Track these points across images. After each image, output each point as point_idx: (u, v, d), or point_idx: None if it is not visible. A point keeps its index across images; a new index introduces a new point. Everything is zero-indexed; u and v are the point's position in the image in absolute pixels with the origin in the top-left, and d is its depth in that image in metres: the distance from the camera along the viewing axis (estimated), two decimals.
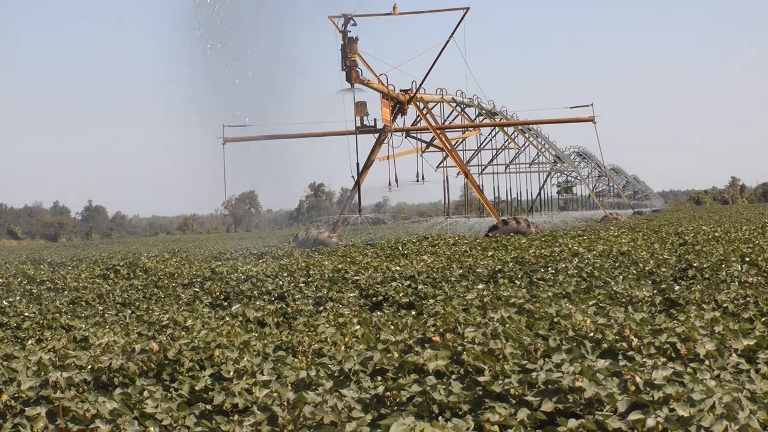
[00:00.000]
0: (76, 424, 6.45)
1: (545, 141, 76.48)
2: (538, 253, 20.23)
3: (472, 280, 16.01)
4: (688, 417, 5.43)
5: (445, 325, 9.69)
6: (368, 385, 7.35)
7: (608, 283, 14.03)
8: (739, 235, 25.74)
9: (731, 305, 10.76)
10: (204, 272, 19.74)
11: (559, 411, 6.26)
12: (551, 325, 9.56)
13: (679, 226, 40.89)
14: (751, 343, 7.99)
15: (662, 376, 6.36)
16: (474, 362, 7.48)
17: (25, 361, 8.40)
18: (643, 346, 7.87)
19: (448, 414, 6.55)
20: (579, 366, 6.74)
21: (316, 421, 6.28)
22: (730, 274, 14.14)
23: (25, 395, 7.24)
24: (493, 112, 59.01)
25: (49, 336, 11.95)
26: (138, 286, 18.60)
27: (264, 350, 8.88)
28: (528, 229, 38.93)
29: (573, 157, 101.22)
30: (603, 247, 21.90)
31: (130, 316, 13.93)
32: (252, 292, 16.15)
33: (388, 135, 43.83)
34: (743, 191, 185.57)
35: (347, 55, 38.51)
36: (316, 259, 23.39)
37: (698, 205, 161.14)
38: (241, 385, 7.33)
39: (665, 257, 17.70)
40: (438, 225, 53.23)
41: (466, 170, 50.57)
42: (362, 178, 44.70)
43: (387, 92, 42.25)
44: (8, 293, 17.81)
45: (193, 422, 6.46)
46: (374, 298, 14.51)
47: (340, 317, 11.51)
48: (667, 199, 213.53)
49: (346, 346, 9.25)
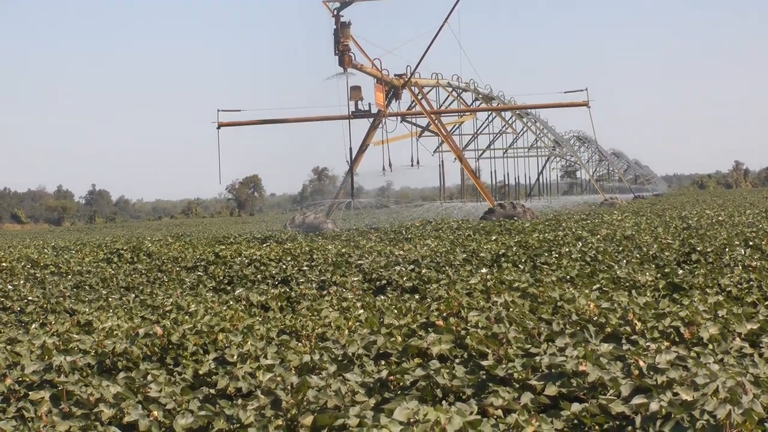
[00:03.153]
0: (79, 407, 6.46)
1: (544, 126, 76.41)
2: (542, 238, 20.21)
3: (476, 264, 16.00)
4: (692, 401, 5.43)
5: (448, 309, 9.70)
6: (372, 369, 7.36)
7: (612, 268, 14.02)
8: (742, 219, 25.71)
9: (735, 289, 10.75)
10: (208, 256, 19.75)
11: (563, 395, 6.27)
12: (555, 310, 9.55)
13: (683, 210, 40.85)
14: (754, 327, 7.98)
15: (666, 361, 6.35)
16: (477, 346, 7.48)
17: (29, 345, 8.42)
18: (647, 330, 7.87)
19: (451, 398, 6.55)
20: (582, 350, 6.73)
21: (320, 405, 6.28)
22: (734, 258, 14.13)
23: (29, 379, 7.25)
24: (489, 96, 58.93)
25: (53, 320, 11.97)
26: (142, 270, 18.61)
27: (267, 334, 8.88)
28: (522, 214, 38.98)
29: (573, 141, 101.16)
30: (606, 231, 21.88)
31: (133, 300, 13.95)
32: (255, 276, 16.16)
33: (382, 120, 43.81)
34: (747, 175, 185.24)
35: (340, 40, 38.35)
36: (319, 243, 23.40)
37: (702, 189, 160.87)
38: (245, 369, 7.34)
39: (669, 241, 17.67)
40: (433, 210, 53.16)
41: (460, 155, 50.55)
42: (357, 162, 44.77)
43: (381, 77, 42.17)
44: (12, 277, 17.83)
45: (196, 406, 6.47)
46: (378, 282, 14.51)
47: (344, 301, 11.51)
48: (670, 183, 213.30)
49: (349, 331, 9.25)
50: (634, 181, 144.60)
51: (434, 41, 42.32)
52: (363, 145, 45.29)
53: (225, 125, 44.19)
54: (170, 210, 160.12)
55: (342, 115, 41.90)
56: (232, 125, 44.61)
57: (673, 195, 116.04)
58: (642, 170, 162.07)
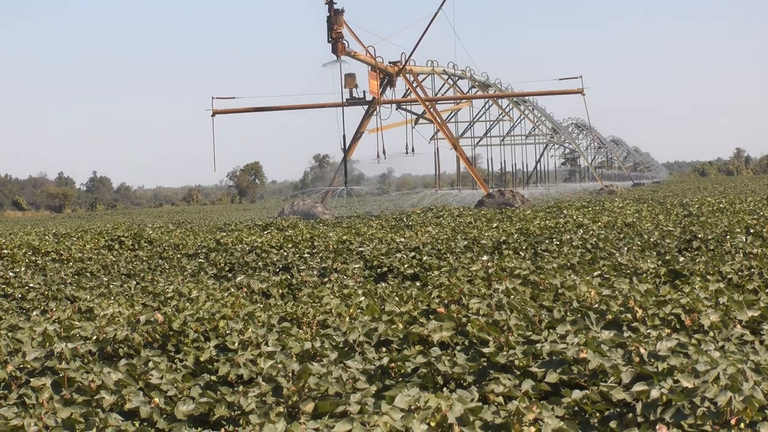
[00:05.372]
0: (81, 394, 6.47)
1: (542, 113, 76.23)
2: (543, 225, 20.20)
3: (477, 251, 16.00)
4: (693, 388, 5.43)
5: (449, 296, 9.70)
6: (373, 356, 7.37)
7: (613, 255, 14.02)
8: (743, 207, 25.67)
9: (736, 276, 10.74)
10: (209, 243, 19.75)
11: (564, 382, 6.27)
12: (556, 297, 9.56)
13: (684, 197, 40.82)
14: (755, 315, 7.99)
15: (666, 348, 6.36)
16: (478, 333, 7.49)
17: (30, 332, 8.42)
18: (648, 318, 7.87)
19: (452, 385, 6.56)
20: (583, 337, 6.74)
21: (321, 392, 6.29)
22: (735, 246, 14.12)
23: (31, 366, 7.26)
24: (486, 84, 58.73)
25: (54, 307, 11.98)
26: (143, 257, 18.62)
27: (269, 321, 8.89)
28: (513, 199, 39.01)
29: (571, 129, 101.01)
30: (608, 218, 21.86)
31: (134, 287, 13.95)
32: (257, 263, 16.16)
33: (376, 107, 43.75)
34: (748, 162, 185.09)
35: (333, 27, 38.17)
36: (320, 230, 23.39)
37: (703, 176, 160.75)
38: (246, 356, 7.34)
39: (670, 229, 17.66)
40: (428, 197, 53.07)
41: (455, 143, 50.49)
42: (351, 150, 44.76)
43: (375, 64, 42.07)
44: (13, 264, 17.84)
45: (197, 393, 6.47)
46: (379, 269, 14.51)
47: (345, 288, 11.51)
48: (671, 170, 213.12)
49: (350, 318, 9.25)
50: (633, 168, 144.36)
51: (429, 28, 42.28)
52: (357, 133, 45.27)
53: (219, 113, 44.11)
54: (171, 197, 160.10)
55: (336, 102, 41.82)
56: (227, 113, 44.54)
57: (674, 182, 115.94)
58: (642, 157, 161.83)
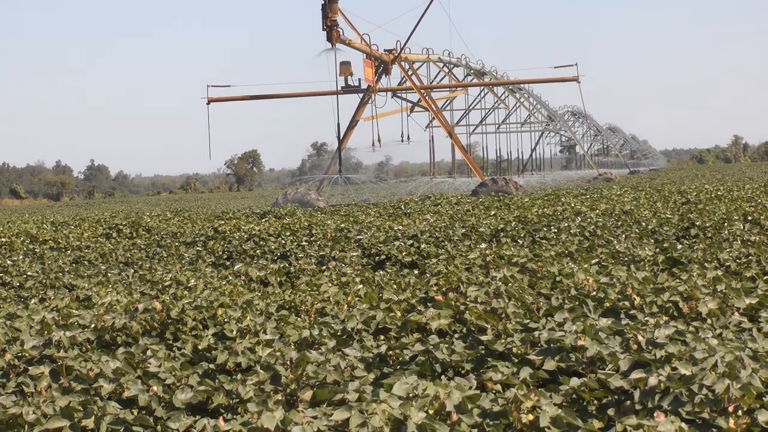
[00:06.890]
0: (79, 383, 6.46)
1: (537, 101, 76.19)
2: (541, 213, 20.21)
3: (475, 239, 16.00)
4: (690, 376, 5.44)
5: (447, 284, 9.70)
6: (371, 344, 7.37)
7: (611, 242, 14.02)
8: (741, 194, 25.67)
9: (733, 264, 10.75)
10: (207, 231, 19.74)
11: (562, 370, 6.27)
12: (554, 284, 9.56)
13: (682, 185, 40.83)
14: (753, 302, 8.00)
15: (664, 335, 6.36)
16: (476, 321, 7.49)
17: (29, 321, 8.42)
18: (646, 305, 7.88)
19: (450, 373, 6.56)
20: (581, 325, 6.74)
21: (319, 380, 6.30)
22: (733, 233, 14.12)
23: (29, 354, 7.26)
24: (481, 71, 58.69)
25: (52, 295, 11.98)
26: (141, 245, 18.61)
27: (267, 309, 8.89)
28: (514, 190, 39.03)
29: (567, 116, 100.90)
30: (606, 206, 21.86)
31: (132, 275, 13.94)
32: (255, 251, 16.15)
33: (371, 95, 43.69)
34: (746, 150, 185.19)
35: (328, 15, 37.98)
36: (318, 218, 23.39)
37: (701, 163, 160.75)
38: (244, 345, 7.34)
39: (668, 216, 17.66)
40: (423, 185, 53.04)
41: (451, 131, 50.49)
42: (347, 138, 44.77)
43: (370, 52, 41.97)
44: (11, 252, 17.83)
45: (196, 381, 6.48)
46: (377, 257, 14.51)
47: (343, 276, 11.51)
48: (669, 157, 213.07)
49: (348, 306, 9.25)
50: (630, 156, 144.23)
51: (424, 16, 42.18)
52: (353, 121, 45.25)
53: (214, 101, 44.01)
54: (169, 185, 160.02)
55: (331, 90, 41.74)
56: (222, 101, 44.46)
57: (672, 170, 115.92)
58: (639, 145, 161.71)
